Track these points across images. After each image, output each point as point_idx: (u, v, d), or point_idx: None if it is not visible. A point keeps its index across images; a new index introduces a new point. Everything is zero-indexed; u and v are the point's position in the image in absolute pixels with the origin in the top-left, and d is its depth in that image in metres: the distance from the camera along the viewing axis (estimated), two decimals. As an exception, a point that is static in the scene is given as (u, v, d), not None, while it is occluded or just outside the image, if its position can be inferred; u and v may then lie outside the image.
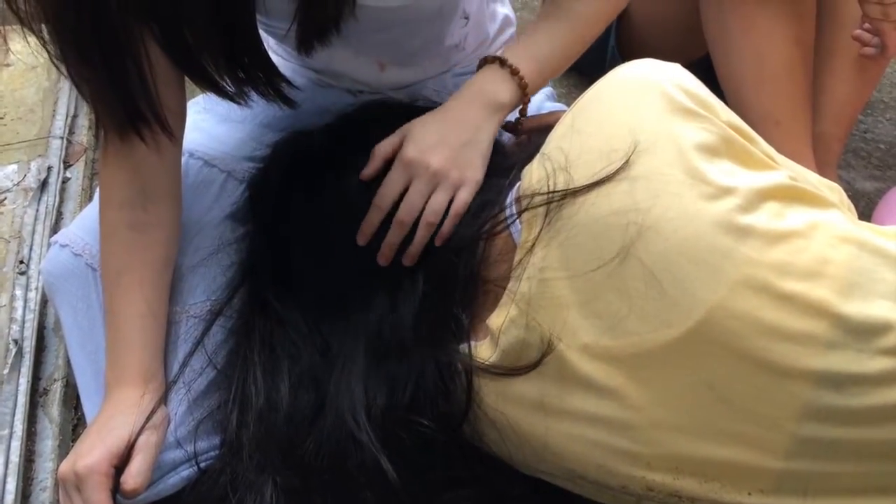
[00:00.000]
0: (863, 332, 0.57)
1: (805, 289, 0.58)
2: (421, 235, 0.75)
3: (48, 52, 0.71)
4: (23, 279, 0.98)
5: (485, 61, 0.85)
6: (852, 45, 1.11)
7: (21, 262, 1.00)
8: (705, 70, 1.07)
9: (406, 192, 0.75)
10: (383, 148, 0.78)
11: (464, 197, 0.75)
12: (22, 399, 0.86)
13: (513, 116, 0.87)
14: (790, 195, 0.62)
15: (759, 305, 0.58)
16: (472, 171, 0.76)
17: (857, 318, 0.57)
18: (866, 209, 1.30)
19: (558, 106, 1.12)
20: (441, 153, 0.76)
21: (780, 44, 1.06)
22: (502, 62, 0.83)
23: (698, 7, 1.15)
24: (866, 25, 1.07)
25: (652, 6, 1.30)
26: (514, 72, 0.83)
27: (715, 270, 0.58)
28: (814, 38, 1.10)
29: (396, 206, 0.76)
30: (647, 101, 0.67)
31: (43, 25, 0.70)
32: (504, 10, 1.13)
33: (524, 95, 0.84)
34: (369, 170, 0.78)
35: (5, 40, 0.73)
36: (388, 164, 0.78)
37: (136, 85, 0.73)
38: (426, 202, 0.75)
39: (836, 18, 1.14)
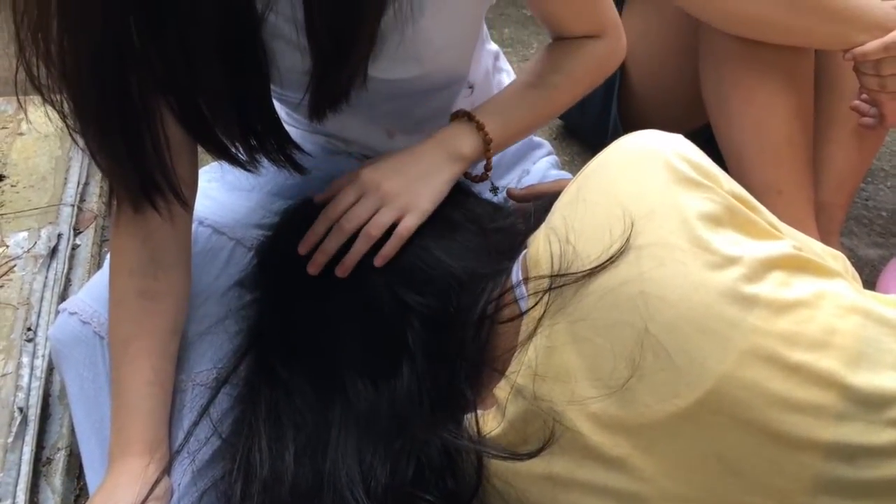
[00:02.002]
0: (872, 404, 0.57)
1: (813, 359, 0.58)
2: (358, 246, 0.77)
3: (66, 124, 0.72)
4: (30, 346, 0.98)
5: (456, 115, 0.89)
6: (851, 115, 1.13)
7: (29, 328, 1.00)
8: (706, 139, 1.08)
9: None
10: (342, 178, 0.82)
11: (409, 222, 0.78)
12: (25, 468, 0.85)
13: (478, 170, 0.92)
14: (795, 265, 0.62)
15: (768, 376, 0.58)
16: (421, 201, 0.79)
17: (867, 390, 0.57)
18: (870, 276, 1.30)
19: (562, 174, 1.14)
20: (394, 179, 0.80)
21: (780, 115, 1.07)
22: (470, 117, 0.88)
23: (698, 78, 1.17)
24: (864, 96, 1.09)
25: (653, 77, 1.33)
26: (480, 127, 0.87)
27: (722, 340, 0.58)
28: (813, 109, 1.12)
29: None
30: (651, 171, 0.67)
31: (62, 97, 0.71)
32: (509, 80, 1.16)
33: (487, 150, 0.88)
34: (322, 196, 0.82)
35: (25, 111, 0.74)
36: None
37: (151, 156, 0.74)
38: (370, 218, 0.78)
39: (834, 89, 1.16)
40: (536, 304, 0.67)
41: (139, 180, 0.75)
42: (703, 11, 1.07)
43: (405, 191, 0.79)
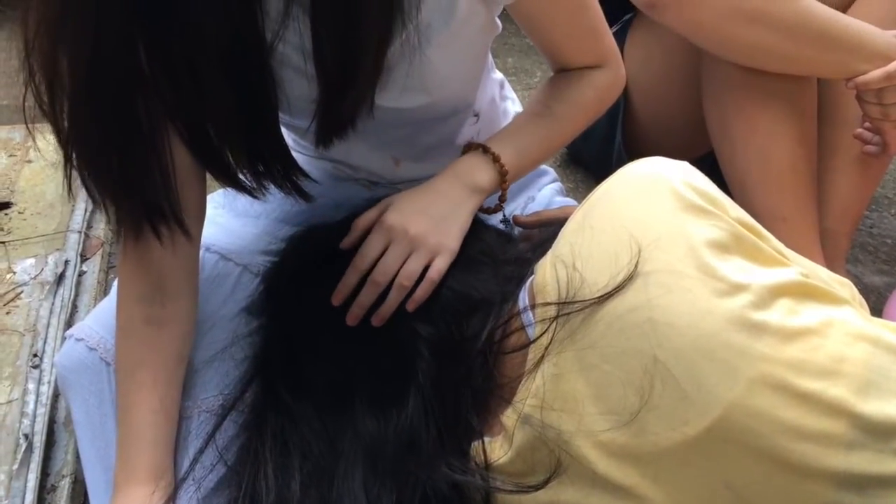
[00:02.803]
0: (882, 433, 0.57)
1: (822, 387, 0.57)
2: (393, 298, 0.76)
3: (67, 156, 0.71)
4: (36, 373, 0.98)
5: (469, 147, 0.89)
6: (854, 143, 1.13)
7: (35, 355, 1.00)
8: (710, 166, 1.09)
9: (383, 255, 0.78)
10: (364, 219, 0.81)
11: (440, 265, 0.77)
12: (30, 496, 0.85)
13: (491, 202, 0.92)
14: (803, 292, 0.62)
15: (777, 404, 0.58)
16: (450, 241, 0.79)
17: (877, 418, 0.57)
18: (876, 304, 1.30)
19: (567, 201, 1.14)
20: (420, 221, 0.79)
21: (783, 143, 1.08)
22: (485, 149, 0.88)
23: (701, 106, 1.18)
24: (867, 124, 1.10)
25: (657, 106, 1.34)
26: (496, 159, 0.87)
27: (731, 368, 0.58)
28: (816, 137, 1.13)
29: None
30: (657, 198, 0.67)
31: (69, 124, 0.71)
32: (514, 107, 1.17)
33: (503, 181, 0.88)
34: (347, 241, 0.80)
35: (34, 139, 0.74)
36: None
37: (158, 182, 0.74)
38: (401, 266, 0.77)
39: (837, 117, 1.17)
40: (544, 332, 0.67)
41: (144, 208, 0.75)
42: (705, 40, 1.08)
43: (432, 232, 0.79)
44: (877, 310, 1.27)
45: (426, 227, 0.79)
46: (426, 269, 0.77)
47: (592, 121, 1.00)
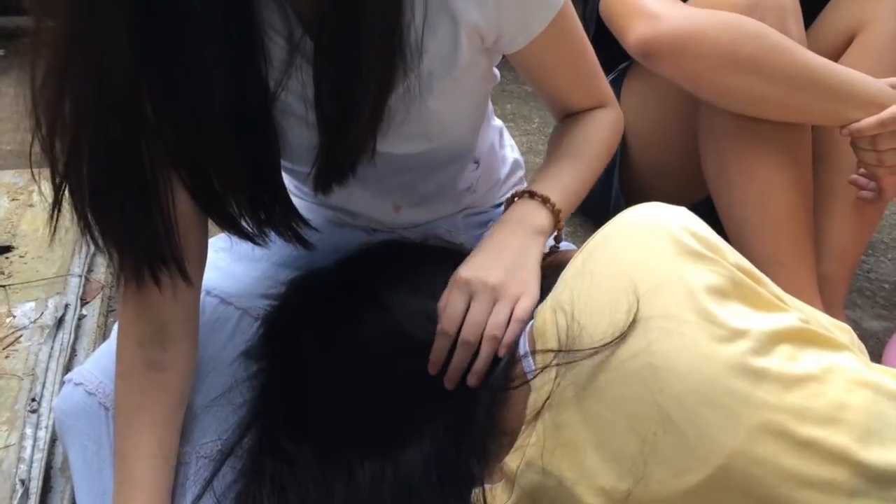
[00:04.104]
0: (885, 480, 0.56)
1: (824, 435, 0.57)
2: (486, 352, 0.74)
3: (74, 203, 0.72)
4: (34, 417, 0.97)
5: (515, 196, 0.89)
6: (850, 188, 1.14)
7: (33, 399, 0.99)
8: (707, 211, 1.10)
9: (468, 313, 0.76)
10: (443, 299, 0.78)
11: (525, 305, 0.76)
12: (25, 543, 0.84)
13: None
14: (803, 338, 0.62)
15: (779, 452, 0.57)
16: (529, 286, 0.78)
17: (879, 466, 0.57)
18: (875, 349, 1.30)
19: (566, 245, 1.15)
20: (496, 272, 0.78)
21: (780, 189, 1.09)
22: (531, 193, 0.88)
23: (698, 153, 1.19)
24: (862, 170, 1.11)
25: (654, 152, 1.35)
26: (545, 200, 0.87)
27: (732, 414, 0.58)
28: (812, 183, 1.14)
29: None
30: (655, 244, 0.68)
31: (73, 171, 0.71)
32: (513, 154, 1.18)
33: (558, 221, 0.88)
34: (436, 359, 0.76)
35: (38, 183, 0.75)
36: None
37: (160, 230, 0.74)
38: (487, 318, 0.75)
39: (832, 163, 1.18)
40: (545, 380, 0.66)
41: (145, 255, 0.76)
42: (700, 90, 1.09)
43: (511, 279, 0.78)
44: (876, 355, 1.27)
45: (503, 276, 0.78)
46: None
47: (611, 156, 1.01)
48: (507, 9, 0.80)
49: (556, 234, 0.90)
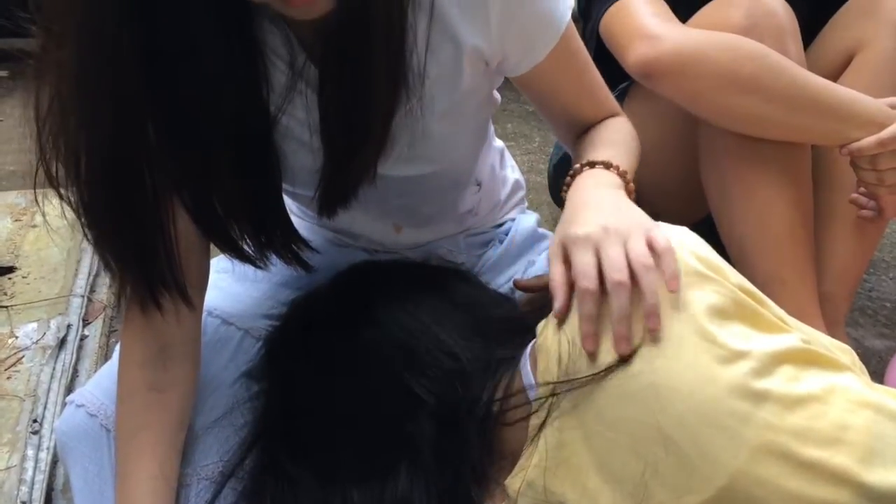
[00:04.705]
0: (887, 502, 0.56)
1: (826, 456, 0.57)
2: (651, 281, 0.65)
3: (81, 221, 0.73)
4: (35, 439, 0.97)
5: (573, 174, 0.84)
6: (850, 207, 1.15)
7: (35, 420, 0.99)
8: (708, 230, 1.10)
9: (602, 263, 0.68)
10: (556, 273, 0.71)
11: (658, 237, 0.68)
12: (25, 565, 0.84)
13: None
14: (804, 358, 0.62)
15: (781, 472, 0.57)
16: (642, 217, 0.73)
17: (881, 488, 0.56)
18: (877, 367, 1.30)
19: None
20: (605, 218, 0.72)
21: (781, 208, 1.09)
22: (591, 164, 0.84)
23: (699, 172, 1.20)
24: (862, 189, 1.11)
25: (654, 172, 1.35)
26: (608, 165, 0.83)
27: (734, 436, 0.58)
28: (812, 202, 1.14)
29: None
30: (657, 264, 0.68)
31: (77, 195, 0.72)
32: (514, 175, 1.19)
33: (627, 182, 0.84)
34: (561, 305, 0.69)
35: (41, 205, 0.75)
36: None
37: (162, 254, 0.75)
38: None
39: (832, 182, 1.18)
40: (546, 401, 0.66)
41: (148, 280, 0.76)
42: (701, 109, 1.10)
43: (624, 219, 0.71)
44: (877, 374, 1.26)
45: (615, 218, 0.71)
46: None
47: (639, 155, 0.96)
48: (511, 33, 0.80)
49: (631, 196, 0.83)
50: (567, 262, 0.71)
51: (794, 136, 1.08)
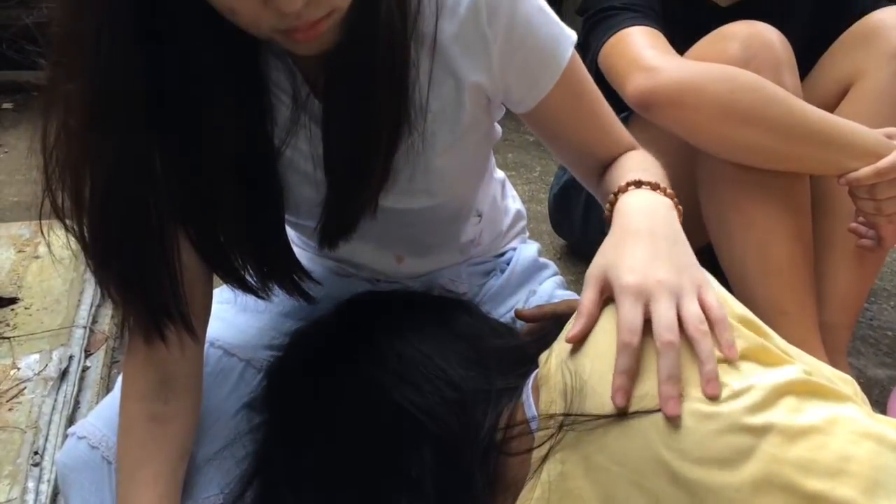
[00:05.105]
0: (891, 534, 0.56)
1: (829, 487, 0.57)
2: (708, 349, 0.63)
3: (86, 254, 0.73)
4: (36, 471, 0.97)
5: (615, 196, 0.81)
6: (849, 236, 1.15)
7: (36, 452, 0.99)
8: (708, 259, 1.10)
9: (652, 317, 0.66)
10: (587, 299, 0.70)
11: (712, 300, 0.67)
12: None
13: None
14: (807, 390, 0.62)
15: (786, 505, 0.57)
16: (697, 271, 0.70)
17: (885, 520, 0.56)
18: (879, 397, 1.30)
19: (569, 294, 1.15)
20: (660, 266, 0.69)
21: (780, 238, 1.10)
22: (638, 183, 0.81)
23: (698, 201, 1.21)
24: (861, 219, 1.12)
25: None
26: (655, 186, 0.81)
27: (738, 468, 0.58)
28: (811, 231, 1.15)
29: None
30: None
31: (82, 227, 0.72)
32: (515, 205, 1.20)
33: (676, 204, 0.80)
34: (579, 330, 0.68)
35: (45, 236, 0.76)
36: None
37: (166, 286, 0.75)
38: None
39: (831, 212, 1.19)
40: (549, 437, 0.66)
41: (152, 311, 0.76)
42: (699, 140, 1.11)
43: (678, 271, 0.69)
44: (880, 403, 1.26)
45: (669, 270, 0.68)
46: None
47: None
48: (512, 68, 0.81)
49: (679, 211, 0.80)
50: (603, 291, 0.70)
51: (792, 167, 1.08)
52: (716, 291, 0.69)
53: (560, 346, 0.71)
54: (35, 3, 0.67)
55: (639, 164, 0.88)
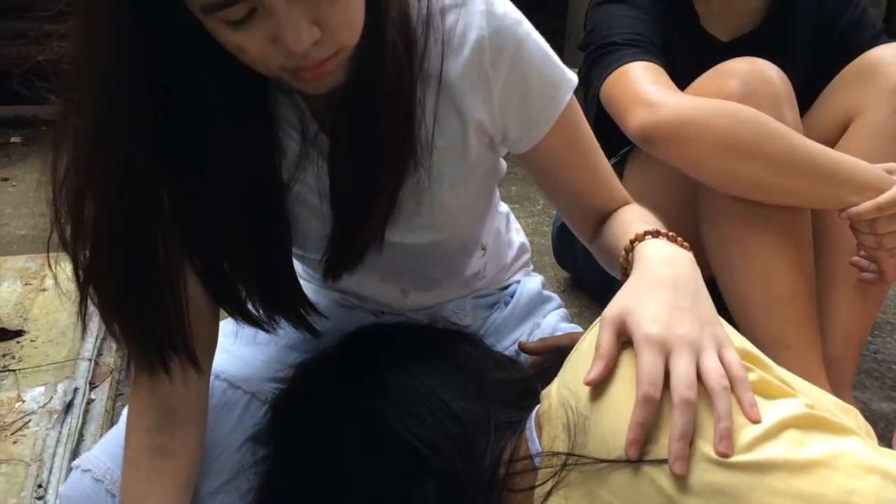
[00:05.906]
0: (895, 569, 0.56)
1: (833, 522, 0.57)
2: (726, 407, 0.62)
3: (88, 287, 0.74)
4: (40, 504, 0.97)
5: (631, 244, 0.81)
6: (851, 270, 1.15)
7: (40, 486, 0.99)
8: (709, 291, 1.10)
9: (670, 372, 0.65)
10: (605, 342, 0.69)
11: (733, 358, 0.66)
12: None
13: None
14: (809, 423, 0.62)
15: (790, 539, 0.57)
16: (719, 327, 0.70)
17: (889, 554, 0.56)
18: (885, 430, 1.29)
19: (572, 326, 1.15)
20: (683, 319, 0.68)
21: (782, 270, 1.10)
22: (656, 233, 0.81)
23: (699, 235, 1.21)
24: (862, 252, 1.12)
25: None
26: (672, 238, 0.81)
27: (742, 502, 0.58)
28: (813, 264, 1.15)
29: None
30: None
31: (88, 261, 0.73)
32: (519, 238, 1.20)
33: (688, 250, 0.80)
34: (597, 373, 0.67)
35: (51, 267, 0.76)
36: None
37: (173, 319, 0.75)
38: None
39: (833, 245, 1.19)
40: (553, 475, 0.66)
41: (157, 345, 0.76)
42: (700, 174, 1.12)
43: (700, 325, 0.68)
44: (885, 437, 1.25)
45: (692, 324, 0.67)
46: None
47: None
48: (511, 107, 0.82)
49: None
50: (620, 335, 0.69)
51: (793, 201, 1.09)
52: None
53: (563, 380, 0.72)
54: (48, 42, 0.68)
55: (642, 217, 0.89)
